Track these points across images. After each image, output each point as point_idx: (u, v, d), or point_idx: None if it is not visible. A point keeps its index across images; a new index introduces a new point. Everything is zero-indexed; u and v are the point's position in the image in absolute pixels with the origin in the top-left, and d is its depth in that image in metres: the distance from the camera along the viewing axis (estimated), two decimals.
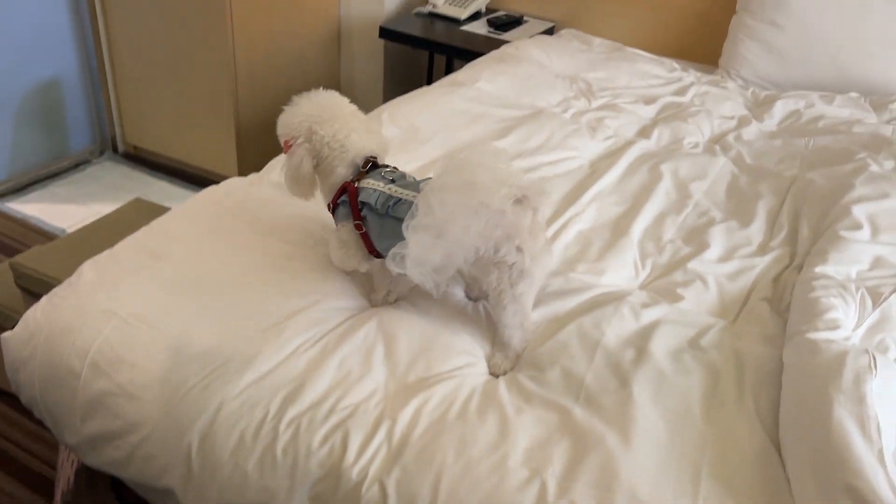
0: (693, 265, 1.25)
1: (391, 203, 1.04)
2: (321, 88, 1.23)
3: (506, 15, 2.60)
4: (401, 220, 0.97)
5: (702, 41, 2.42)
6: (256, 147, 2.56)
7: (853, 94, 1.97)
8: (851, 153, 1.54)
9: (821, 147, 1.65)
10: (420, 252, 0.94)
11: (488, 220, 0.93)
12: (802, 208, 1.40)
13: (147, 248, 1.23)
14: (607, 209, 1.43)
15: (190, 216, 1.31)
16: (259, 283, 1.15)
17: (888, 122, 1.84)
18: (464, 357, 1.05)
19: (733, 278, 1.23)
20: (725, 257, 1.28)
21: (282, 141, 1.16)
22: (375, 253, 1.10)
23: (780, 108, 1.93)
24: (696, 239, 1.33)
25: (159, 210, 1.72)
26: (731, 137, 1.78)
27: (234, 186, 1.42)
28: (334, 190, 1.12)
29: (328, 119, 1.13)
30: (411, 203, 0.99)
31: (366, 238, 1.09)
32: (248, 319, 1.08)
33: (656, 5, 2.44)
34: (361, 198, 1.07)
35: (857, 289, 1.11)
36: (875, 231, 1.24)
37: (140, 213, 1.68)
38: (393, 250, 0.98)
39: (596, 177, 1.53)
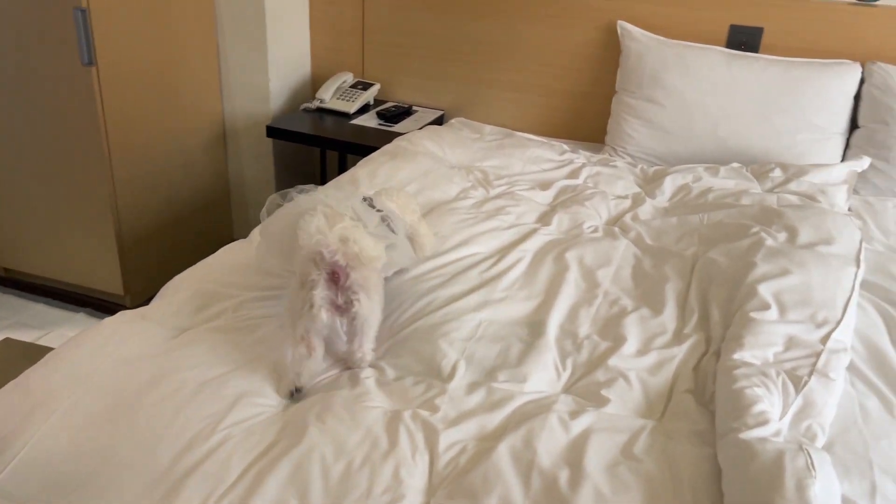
0: (613, 362, 1.22)
1: None
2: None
3: (394, 106, 2.60)
4: None
5: (587, 121, 2.49)
6: (143, 259, 2.42)
7: (735, 165, 2.05)
8: (746, 227, 1.58)
9: (716, 223, 1.69)
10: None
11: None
12: (709, 290, 1.41)
13: (18, 410, 1.08)
14: (520, 305, 1.39)
15: (70, 367, 1.18)
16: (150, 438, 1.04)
17: (771, 190, 1.92)
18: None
19: (654, 372, 1.21)
20: (643, 350, 1.26)
21: None
22: None
23: (670, 184, 1.98)
24: (612, 332, 1.31)
25: (34, 353, 1.56)
26: (628, 218, 1.80)
27: (117, 327, 1.29)
28: None
29: None
30: None
31: None
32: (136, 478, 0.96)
33: (540, 89, 2.51)
34: None
35: (778, 374, 1.11)
36: (783, 310, 1.26)
37: (10, 357, 1.52)
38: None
39: (503, 270, 1.50)
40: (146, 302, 2.50)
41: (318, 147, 2.43)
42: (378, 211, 1.30)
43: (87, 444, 1.05)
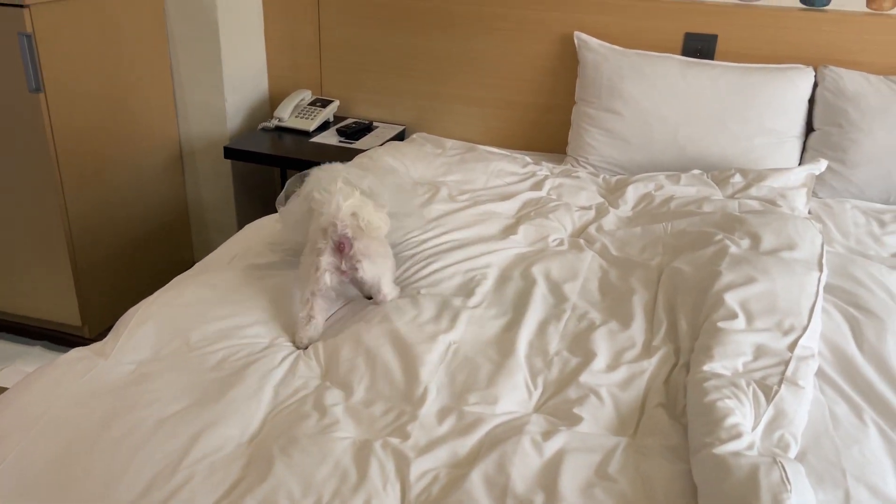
0: (584, 378, 1.21)
1: None
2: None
3: (355, 123, 2.58)
4: None
5: (548, 132, 2.49)
6: (100, 288, 2.35)
7: (696, 172, 2.07)
8: (709, 235, 1.58)
9: (679, 231, 1.69)
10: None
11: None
12: (676, 300, 1.40)
13: None
14: (488, 324, 1.37)
15: (21, 409, 1.12)
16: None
17: (732, 195, 1.93)
18: None
19: (625, 387, 1.20)
20: (613, 364, 1.25)
21: None
22: None
23: (632, 193, 1.98)
24: (581, 347, 1.30)
25: None
26: (592, 229, 1.79)
27: (71, 365, 1.24)
28: None
29: None
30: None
31: None
32: None
33: (500, 102, 2.50)
34: None
35: (748, 384, 1.11)
36: (750, 318, 1.25)
37: None
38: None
39: (470, 288, 1.48)
40: (105, 331, 2.44)
41: (278, 167, 2.39)
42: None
43: (40, 490, 1.01)
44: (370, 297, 1.43)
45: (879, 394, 1.18)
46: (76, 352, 1.27)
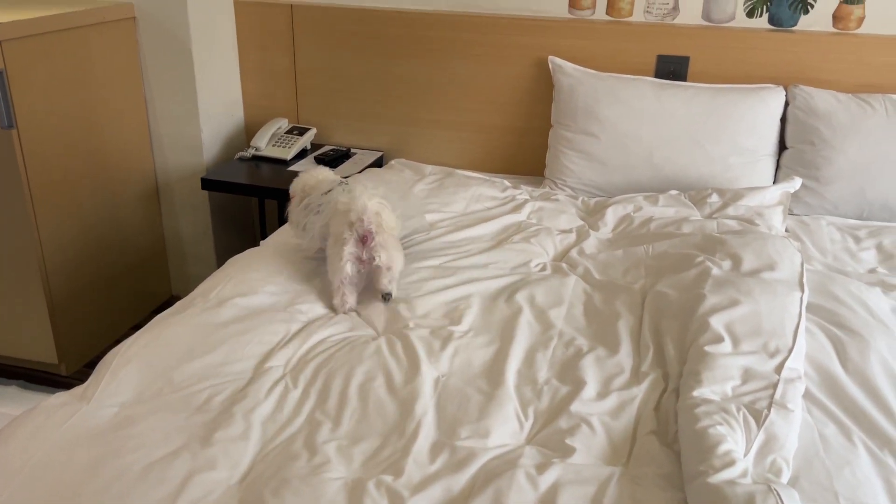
0: (575, 408, 1.21)
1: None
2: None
3: (332, 150, 2.57)
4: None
5: (526, 155, 2.50)
6: (77, 324, 2.31)
7: (673, 192, 2.09)
8: (691, 257, 1.60)
9: (660, 253, 1.70)
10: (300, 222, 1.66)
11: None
12: (661, 324, 1.41)
13: None
14: (476, 353, 1.37)
15: (1, 460, 1.10)
16: None
17: (710, 215, 1.95)
18: None
19: (616, 416, 1.20)
20: (603, 392, 1.25)
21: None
22: None
23: (612, 215, 2.00)
24: (570, 375, 1.30)
25: None
26: (574, 253, 1.80)
27: (52, 412, 1.21)
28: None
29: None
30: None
31: None
32: None
33: (477, 126, 2.51)
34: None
35: (738, 409, 1.11)
36: (735, 342, 1.26)
37: None
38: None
39: (456, 317, 1.48)
40: (83, 368, 2.39)
41: (256, 196, 2.37)
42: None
43: None
44: (385, 298, 1.56)
45: (866, 413, 1.19)
46: (57, 397, 1.25)
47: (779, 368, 1.21)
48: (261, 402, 1.23)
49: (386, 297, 1.54)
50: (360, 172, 2.33)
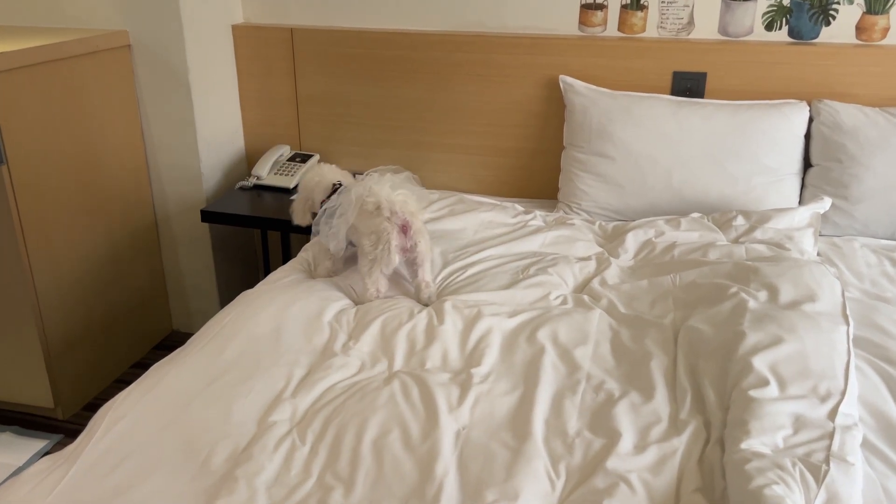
0: (612, 464, 1.10)
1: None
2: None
3: None
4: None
5: (538, 178, 2.41)
6: (73, 366, 2.21)
7: (695, 215, 1.99)
8: (723, 288, 1.50)
9: (689, 283, 1.60)
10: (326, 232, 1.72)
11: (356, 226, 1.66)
12: (698, 365, 1.31)
13: None
14: (499, 402, 1.26)
15: None
16: None
17: (736, 240, 1.85)
18: None
19: (657, 472, 1.09)
20: (641, 445, 1.15)
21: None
22: None
23: (632, 241, 1.90)
24: (603, 425, 1.20)
25: None
26: (595, 283, 1.70)
27: (39, 480, 1.10)
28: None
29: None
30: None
31: None
32: None
33: (487, 149, 2.42)
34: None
35: (794, 465, 1.01)
36: (782, 385, 1.16)
37: None
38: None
39: (475, 358, 1.38)
40: (80, 412, 2.29)
41: (258, 228, 2.28)
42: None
43: None
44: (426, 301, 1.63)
45: None
46: (43, 462, 1.14)
47: (832, 414, 1.10)
48: (265, 465, 1.13)
49: (427, 299, 1.63)
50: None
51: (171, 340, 2.64)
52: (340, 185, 1.82)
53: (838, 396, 1.13)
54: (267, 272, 2.58)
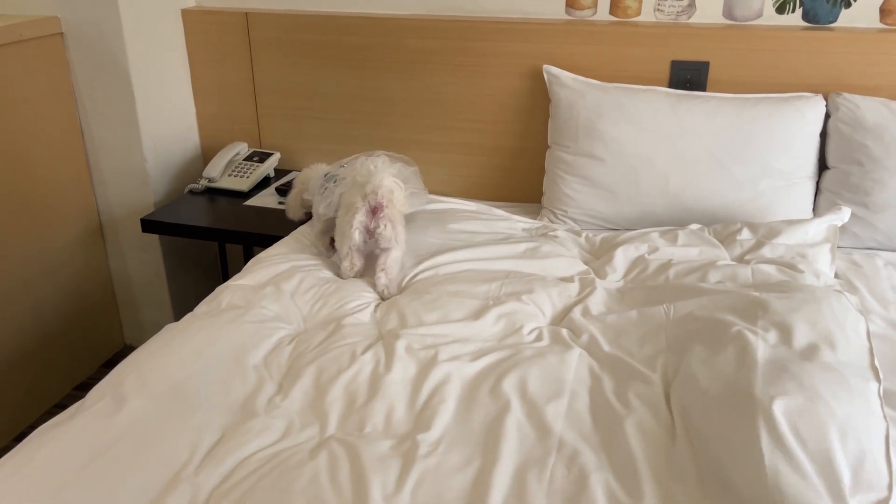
0: None
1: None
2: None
3: None
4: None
5: (520, 180, 2.17)
6: (11, 391, 1.99)
7: (694, 227, 1.75)
8: (724, 326, 1.26)
9: (685, 316, 1.36)
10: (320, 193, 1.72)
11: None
12: (696, 429, 1.07)
13: None
14: (448, 482, 1.03)
15: None
16: None
17: (741, 258, 1.61)
18: None
19: None
20: None
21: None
22: None
23: (622, 257, 1.66)
24: None
25: None
26: (577, 313, 1.46)
27: None
28: None
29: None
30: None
31: None
32: None
33: (464, 148, 2.18)
34: None
35: None
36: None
37: None
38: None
39: (424, 422, 1.14)
40: (12, 443, 2.08)
41: (205, 239, 2.04)
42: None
43: None
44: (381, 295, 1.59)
45: None
46: None
47: None
48: None
49: (382, 292, 1.58)
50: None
51: (123, 356, 2.41)
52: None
53: (884, 492, 0.89)
54: (226, 278, 2.34)
